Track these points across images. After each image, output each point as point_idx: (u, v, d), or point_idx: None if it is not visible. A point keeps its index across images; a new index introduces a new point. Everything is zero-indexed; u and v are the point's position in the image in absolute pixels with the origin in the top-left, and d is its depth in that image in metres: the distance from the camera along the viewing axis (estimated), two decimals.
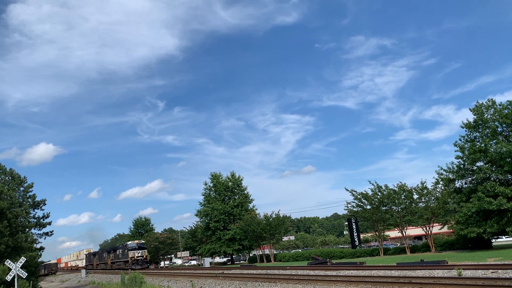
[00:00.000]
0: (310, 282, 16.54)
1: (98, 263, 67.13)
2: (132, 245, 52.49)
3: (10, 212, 25.21)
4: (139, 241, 55.50)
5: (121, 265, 52.43)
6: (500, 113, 29.76)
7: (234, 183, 56.47)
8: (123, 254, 52.53)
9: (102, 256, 66.73)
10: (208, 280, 23.23)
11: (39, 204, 41.50)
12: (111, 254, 58.83)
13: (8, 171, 41.29)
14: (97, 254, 71.10)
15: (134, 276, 25.03)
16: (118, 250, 56.17)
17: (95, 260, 69.89)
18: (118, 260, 54.29)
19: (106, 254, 63.57)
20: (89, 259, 75.32)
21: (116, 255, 55.86)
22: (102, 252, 69.19)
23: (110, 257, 59.02)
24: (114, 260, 56.10)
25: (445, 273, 14.37)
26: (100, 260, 66.06)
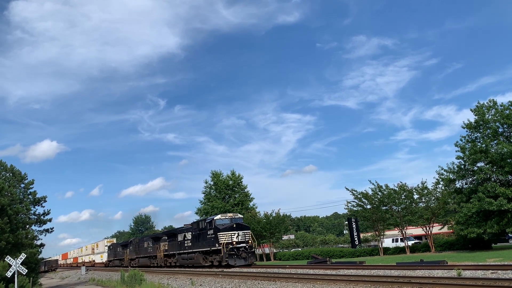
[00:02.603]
0: (309, 281, 16.55)
1: (134, 258, 48.13)
2: (224, 222, 30.39)
3: (11, 208, 25.26)
4: (233, 214, 31.81)
5: (194, 259, 32.48)
6: (501, 113, 29.73)
7: (235, 181, 56.48)
8: (206, 239, 30.70)
9: (140, 247, 47.06)
10: (208, 278, 23.27)
11: (40, 201, 41.64)
12: (165, 243, 39.62)
13: (9, 168, 41.41)
14: (131, 245, 51.35)
15: (134, 273, 25.07)
16: (184, 234, 34.85)
17: (128, 253, 51.38)
18: (189, 250, 33.61)
19: (151, 243, 43.82)
20: (114, 253, 58.32)
21: (179, 242, 35.97)
22: (142, 241, 47.56)
23: (161, 247, 40.29)
24: (175, 252, 36.53)
25: (444, 273, 14.37)
26: (139, 253, 47.06)
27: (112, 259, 59.58)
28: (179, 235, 36.44)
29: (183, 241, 35.23)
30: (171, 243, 38.17)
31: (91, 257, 72.88)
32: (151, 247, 43.95)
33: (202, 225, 32.15)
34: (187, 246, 34.37)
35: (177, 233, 37.28)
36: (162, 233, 43.23)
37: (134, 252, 48.95)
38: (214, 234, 30.07)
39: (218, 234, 29.49)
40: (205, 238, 31.26)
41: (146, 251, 45.20)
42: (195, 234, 33.03)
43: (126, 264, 51.44)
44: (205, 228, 31.54)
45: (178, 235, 36.53)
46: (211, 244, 30.31)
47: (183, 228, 36.59)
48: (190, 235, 34.02)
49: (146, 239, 46.94)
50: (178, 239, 36.37)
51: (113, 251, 58.89)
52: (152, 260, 43.02)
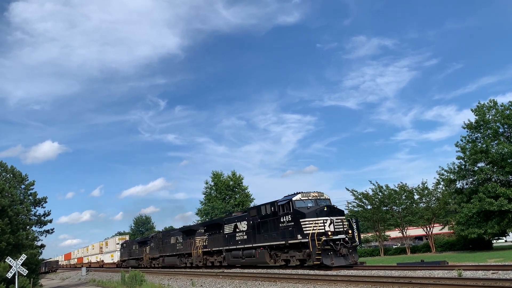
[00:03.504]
0: (310, 281, 16.53)
1: (157, 256, 40.91)
2: (307, 204, 22.04)
3: (11, 209, 25.27)
4: (318, 194, 23.10)
5: (256, 256, 24.67)
6: (502, 114, 29.73)
7: (235, 182, 56.51)
8: (278, 229, 22.69)
9: (165, 243, 39.56)
10: (209, 278, 23.26)
11: (40, 201, 41.65)
12: (202, 237, 32.01)
13: (10, 169, 41.44)
14: (152, 241, 43.29)
15: (135, 274, 25.07)
16: (235, 224, 27.32)
17: (148, 251, 43.83)
18: (244, 244, 25.86)
19: (181, 238, 36.22)
20: (129, 251, 50.20)
21: (225, 236, 28.31)
22: (167, 236, 39.88)
23: (197, 242, 32.41)
24: (220, 247, 29.00)
25: (445, 273, 14.35)
26: (163, 250, 39.71)
27: (126, 258, 51.41)
28: (226, 226, 28.65)
29: (233, 233, 27.54)
30: (213, 237, 30.41)
31: (99, 256, 64.83)
32: (181, 243, 36.30)
33: (269, 210, 24.12)
34: (240, 240, 26.63)
35: (222, 223, 29.34)
36: (198, 225, 35.58)
37: (157, 250, 41.16)
38: (293, 221, 21.72)
39: (301, 222, 21.10)
40: (275, 227, 23.20)
41: (173, 248, 37.50)
42: (254, 223, 25.19)
43: (145, 264, 44.19)
44: (275, 213, 23.36)
45: (225, 226, 28.74)
46: (288, 235, 21.91)
47: (232, 217, 29.19)
48: (244, 225, 26.35)
49: (175, 233, 38.77)
50: (225, 231, 28.61)
51: (128, 250, 50.95)
52: (184, 258, 35.53)
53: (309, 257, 20.77)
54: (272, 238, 23.52)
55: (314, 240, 20.22)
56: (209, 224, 32.68)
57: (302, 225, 21.13)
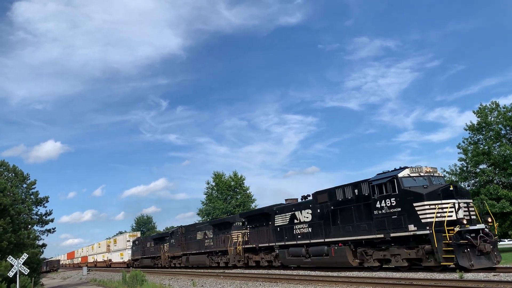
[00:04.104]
0: (311, 282, 16.53)
1: (179, 255, 36.52)
2: (420, 183, 16.74)
3: (13, 208, 25.32)
4: (431, 169, 17.72)
5: (333, 255, 19.46)
6: (504, 115, 29.66)
7: (237, 182, 56.46)
8: (374, 217, 17.34)
9: (190, 240, 34.96)
10: (210, 279, 23.27)
11: (42, 201, 41.68)
12: (241, 232, 27.92)
13: (11, 168, 41.48)
14: (173, 237, 38.54)
15: (135, 274, 25.09)
16: (292, 214, 22.65)
17: (167, 249, 39.45)
18: (309, 239, 21.14)
19: (211, 233, 31.67)
20: (143, 249, 45.96)
21: (276, 229, 23.77)
22: (192, 231, 35.20)
23: (232, 237, 28.36)
24: (268, 243, 24.48)
25: (446, 275, 14.33)
26: (187, 248, 35.06)
27: (139, 257, 46.87)
28: (277, 216, 23.92)
29: (289, 226, 22.68)
30: (258, 231, 25.66)
31: (106, 255, 60.40)
32: (210, 238, 31.53)
33: (349, 193, 18.80)
34: (301, 234, 21.70)
35: (271, 213, 24.52)
36: (234, 217, 30.74)
37: (179, 247, 36.56)
38: (400, 205, 16.40)
39: (415, 207, 15.87)
40: (363, 216, 17.96)
41: (200, 245, 32.93)
42: (325, 212, 20.09)
43: (164, 264, 40.20)
44: (362, 197, 18.09)
45: (276, 217, 23.98)
46: (391, 225, 16.65)
47: (286, 205, 24.20)
48: (307, 214, 21.39)
49: (202, 227, 34.03)
50: (276, 222, 23.83)
51: (141, 247, 46.37)
52: (215, 257, 30.81)
53: (429, 255, 15.51)
54: (358, 231, 17.99)
55: (441, 232, 14.92)
56: (251, 215, 27.92)
57: (418, 210, 15.70)
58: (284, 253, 23.27)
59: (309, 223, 21.49)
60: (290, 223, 22.90)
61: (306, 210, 21.84)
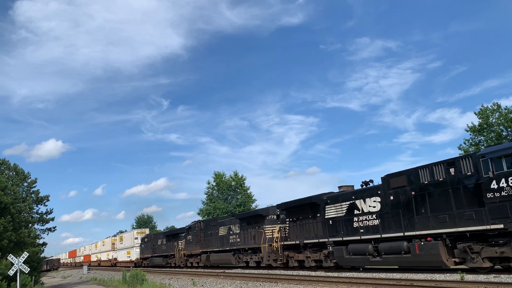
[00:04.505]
0: (311, 282, 16.52)
1: (198, 253, 33.17)
2: None
3: (14, 207, 25.33)
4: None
5: (425, 255, 15.44)
6: (506, 117, 29.66)
7: (237, 182, 56.49)
8: None
9: (210, 235, 31.75)
10: (210, 278, 23.27)
11: (43, 199, 41.75)
12: (278, 226, 24.33)
13: (12, 167, 41.55)
14: (190, 233, 34.79)
15: (136, 273, 25.11)
16: (362, 200, 18.52)
17: (183, 246, 36.04)
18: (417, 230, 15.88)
19: (237, 227, 28.23)
20: (153, 247, 43.13)
21: (332, 223, 20.01)
22: (213, 226, 31.82)
23: (265, 232, 25.03)
24: (332, 239, 19.84)
25: (447, 276, 14.31)
26: (208, 245, 31.78)
27: (149, 255, 43.74)
28: (328, 207, 20.37)
29: (346, 217, 19.25)
30: (302, 225, 22.12)
31: (111, 254, 57.26)
32: (236, 234, 28.06)
33: (440, 173, 15.56)
34: (365, 228, 18.25)
35: (320, 203, 20.85)
36: (267, 209, 26.24)
37: (197, 244, 32.96)
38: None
39: None
40: (471, 200, 14.45)
41: (224, 242, 29.39)
42: (402, 199, 16.70)
43: (178, 263, 36.74)
44: (464, 178, 14.76)
45: (326, 208, 20.48)
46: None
47: (339, 193, 20.63)
48: (374, 202, 17.93)
49: (225, 221, 30.14)
50: (327, 214, 20.34)
51: (151, 245, 43.24)
52: (243, 255, 27.16)
53: None
54: (460, 221, 14.42)
55: None
56: (293, 206, 23.07)
57: None
58: (340, 251, 19.23)
59: (377, 213, 17.70)
60: (348, 214, 19.14)
61: (372, 198, 18.05)
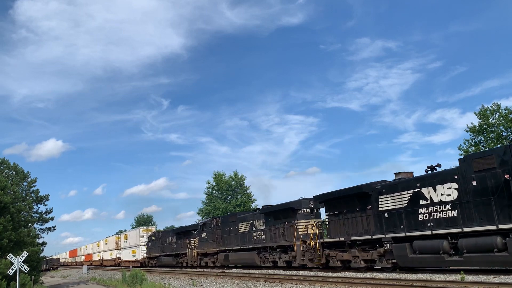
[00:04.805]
0: (311, 282, 16.51)
1: (215, 251, 30.59)
2: None
3: (13, 206, 25.33)
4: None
5: None
6: (506, 117, 29.64)
7: (237, 182, 56.48)
8: None
9: (228, 232, 29.28)
10: (209, 278, 23.26)
11: (42, 199, 41.75)
12: (312, 221, 22.35)
13: (12, 166, 41.54)
14: (204, 229, 32.68)
15: (135, 273, 25.11)
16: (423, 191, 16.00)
17: (196, 244, 33.74)
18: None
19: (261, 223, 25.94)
20: (161, 245, 40.94)
21: (388, 217, 17.18)
22: (232, 222, 29.26)
23: (301, 228, 22.62)
24: (390, 235, 16.99)
25: (447, 277, 14.30)
26: (224, 244, 29.54)
27: (156, 254, 41.67)
28: (382, 198, 17.74)
29: (409, 210, 16.59)
30: (344, 219, 19.44)
31: (115, 253, 55.06)
32: (261, 230, 25.60)
33: None
34: (431, 221, 15.82)
35: (371, 193, 18.22)
36: (297, 202, 23.35)
37: (213, 242, 30.58)
38: None
39: None
40: None
41: (245, 239, 26.94)
42: (494, 184, 13.94)
43: (191, 263, 34.35)
44: None
45: (379, 199, 17.84)
46: None
47: (399, 180, 17.75)
48: (451, 190, 15.29)
49: (247, 216, 27.87)
50: (381, 206, 17.72)
51: (159, 244, 41.28)
52: (271, 254, 24.66)
53: None
54: None
55: None
56: (335, 197, 20.06)
57: None
58: (402, 249, 16.33)
59: (454, 203, 15.01)
60: (412, 205, 16.49)
61: (445, 185, 15.41)
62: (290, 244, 22.72)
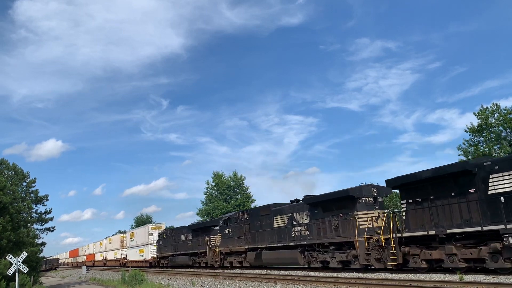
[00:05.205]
0: (310, 283, 16.52)
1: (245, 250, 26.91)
2: None
3: (13, 207, 25.32)
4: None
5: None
6: (505, 117, 29.68)
7: (237, 182, 56.46)
8: None
9: (258, 226, 25.80)
10: (209, 278, 23.26)
11: (42, 199, 41.72)
12: (377, 212, 19.13)
13: (11, 166, 41.50)
14: (229, 225, 29.21)
15: (135, 273, 25.11)
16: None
17: (214, 243, 30.63)
18: None
19: (304, 216, 21.99)
20: (175, 244, 37.62)
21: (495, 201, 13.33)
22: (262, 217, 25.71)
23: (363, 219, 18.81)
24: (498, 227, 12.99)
25: (446, 277, 14.31)
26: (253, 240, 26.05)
27: (169, 253, 38.39)
28: (495, 177, 14.07)
29: None
30: (431, 208, 16.03)
31: (120, 252, 52.18)
32: (304, 225, 21.79)
33: None
34: None
35: (478, 172, 14.58)
36: (357, 189, 19.68)
37: (241, 239, 27.15)
38: None
39: None
40: None
41: (286, 235, 22.88)
42: None
43: (211, 262, 30.81)
44: None
45: (490, 180, 14.19)
46: None
47: None
48: None
49: (284, 209, 23.89)
50: (492, 188, 14.10)
51: (171, 242, 38.12)
52: (320, 253, 20.70)
53: None
54: None
55: None
56: (418, 180, 16.33)
57: None
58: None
59: None
60: None
61: None
62: (349, 240, 18.81)
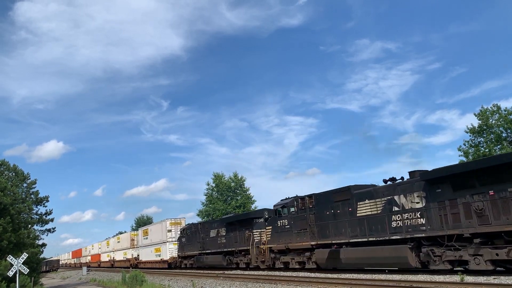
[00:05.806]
0: (311, 284, 16.51)
1: (313, 246, 20.96)
2: None
3: (13, 208, 25.31)
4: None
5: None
6: (505, 118, 29.68)
7: (237, 183, 56.44)
8: None
9: (320, 218, 20.64)
10: (209, 280, 23.24)
11: (42, 200, 41.69)
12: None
13: (12, 167, 41.49)
14: (283, 215, 23.52)
15: (135, 274, 25.09)
16: None
17: (258, 240, 25.91)
18: None
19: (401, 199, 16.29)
20: (202, 240, 32.20)
21: None
22: (342, 203, 19.37)
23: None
24: None
25: (447, 278, 14.30)
26: (321, 234, 20.46)
27: (195, 253, 33.16)
28: None
29: None
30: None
31: (130, 252, 47.79)
32: (416, 211, 16.06)
33: None
34: None
35: None
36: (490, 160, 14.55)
37: (303, 234, 21.70)
38: None
39: None
40: None
41: (377, 227, 17.70)
42: None
43: (257, 263, 25.86)
44: None
45: None
46: None
47: None
48: None
49: (378, 190, 18.27)
50: None
51: (197, 239, 32.92)
52: (442, 249, 15.30)
53: None
54: None
55: None
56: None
57: None
58: None
59: None
60: None
61: None
62: (484, 231, 13.80)
